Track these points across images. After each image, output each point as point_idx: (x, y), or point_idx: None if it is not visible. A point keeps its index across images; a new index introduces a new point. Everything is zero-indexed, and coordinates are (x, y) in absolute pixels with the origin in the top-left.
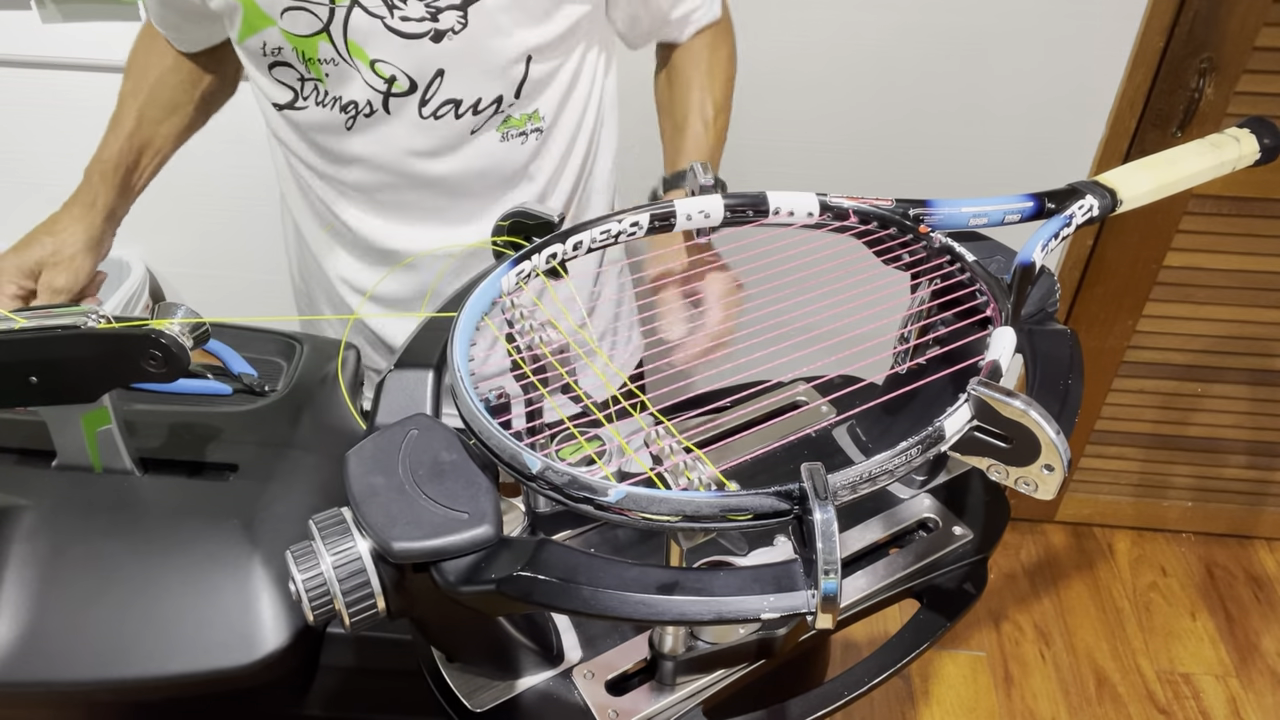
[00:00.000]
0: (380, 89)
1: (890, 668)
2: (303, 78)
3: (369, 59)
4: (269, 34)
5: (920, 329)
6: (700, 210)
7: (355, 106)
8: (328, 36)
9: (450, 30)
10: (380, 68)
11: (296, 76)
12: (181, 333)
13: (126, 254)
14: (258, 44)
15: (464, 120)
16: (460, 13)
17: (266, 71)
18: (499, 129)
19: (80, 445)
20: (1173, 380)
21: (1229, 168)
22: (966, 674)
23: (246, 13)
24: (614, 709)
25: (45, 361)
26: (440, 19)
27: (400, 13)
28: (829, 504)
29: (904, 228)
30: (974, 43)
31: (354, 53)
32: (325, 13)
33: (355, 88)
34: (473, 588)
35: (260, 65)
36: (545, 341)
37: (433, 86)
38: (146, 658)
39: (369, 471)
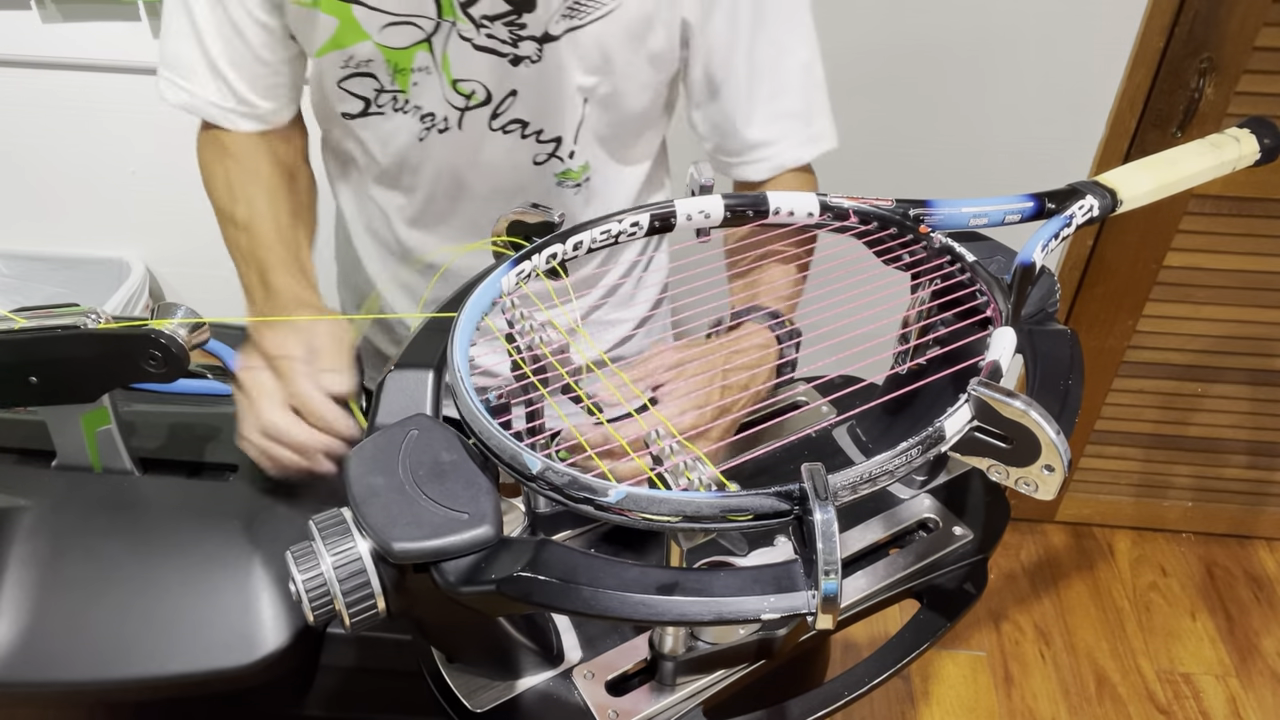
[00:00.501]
0: (459, 105)
1: (890, 668)
2: (382, 89)
3: (452, 77)
4: (360, 48)
5: (920, 329)
6: (700, 210)
7: (432, 119)
8: (427, 46)
9: (528, 59)
10: (462, 86)
11: (374, 88)
12: (181, 333)
13: (126, 254)
14: (341, 57)
15: (528, 142)
16: (538, 46)
17: (335, 84)
18: (556, 175)
19: (80, 445)
20: (1173, 380)
21: (1229, 168)
22: (966, 674)
23: (340, 29)
24: (614, 709)
25: (45, 361)
26: (520, 46)
27: (487, 31)
28: (829, 504)
29: (904, 228)
30: (974, 43)
31: (444, 66)
32: (431, 25)
33: (435, 100)
34: (473, 588)
35: (332, 77)
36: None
37: (506, 102)
38: (146, 658)
39: (369, 472)
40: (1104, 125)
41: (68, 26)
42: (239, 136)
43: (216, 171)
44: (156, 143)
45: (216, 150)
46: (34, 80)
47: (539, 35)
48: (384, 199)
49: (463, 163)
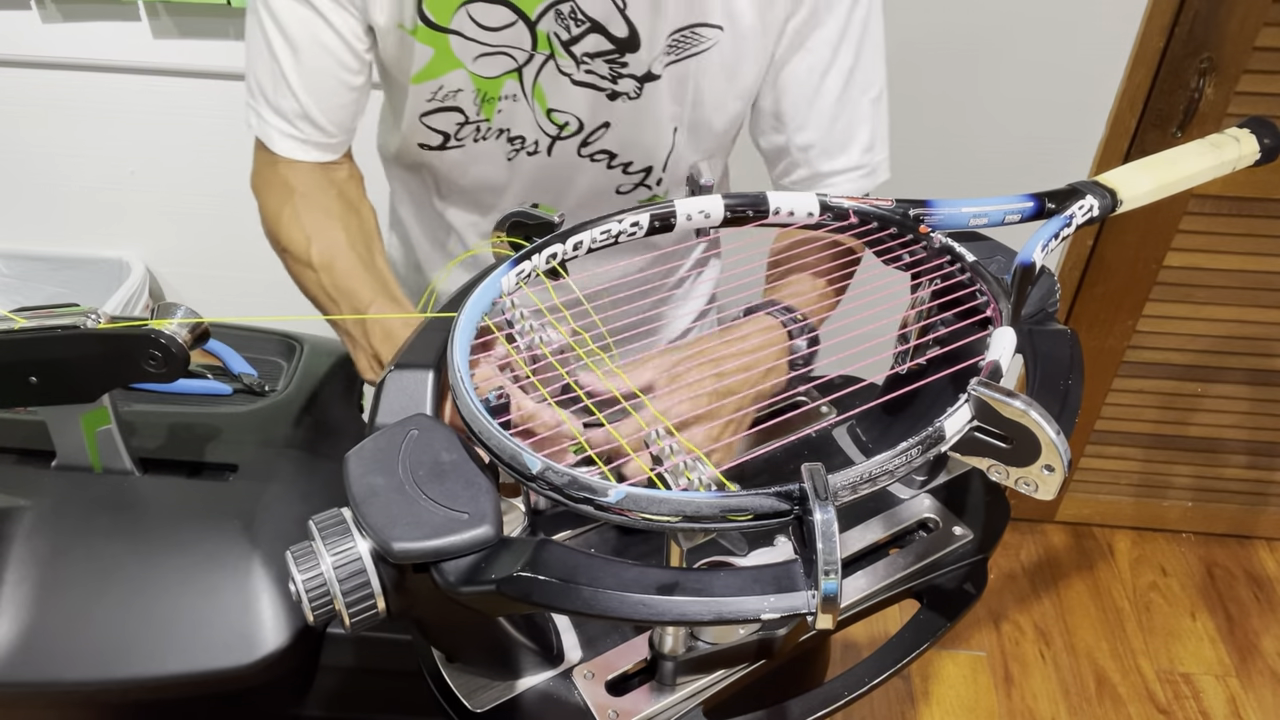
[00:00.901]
0: (551, 133)
1: (890, 668)
2: (465, 121)
3: (547, 107)
4: (451, 77)
5: (920, 329)
6: (700, 210)
7: (521, 142)
8: (517, 76)
9: (625, 95)
10: (555, 116)
11: (457, 122)
12: (181, 333)
13: (126, 254)
14: (429, 90)
15: (614, 172)
16: (638, 84)
17: (418, 117)
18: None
19: (80, 445)
20: (1173, 380)
21: (1229, 168)
22: (966, 674)
23: (435, 59)
24: (614, 709)
25: (45, 361)
26: (619, 83)
27: (587, 67)
28: (829, 504)
29: (904, 228)
30: (974, 43)
31: (536, 95)
32: (524, 56)
33: (526, 125)
34: (473, 588)
35: (415, 110)
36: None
37: (597, 133)
38: (146, 658)
39: (369, 472)
40: (1104, 125)
41: (68, 26)
42: (303, 171)
43: (284, 211)
44: (156, 143)
45: (281, 189)
46: (34, 80)
47: (640, 74)
48: (456, 217)
49: (548, 184)
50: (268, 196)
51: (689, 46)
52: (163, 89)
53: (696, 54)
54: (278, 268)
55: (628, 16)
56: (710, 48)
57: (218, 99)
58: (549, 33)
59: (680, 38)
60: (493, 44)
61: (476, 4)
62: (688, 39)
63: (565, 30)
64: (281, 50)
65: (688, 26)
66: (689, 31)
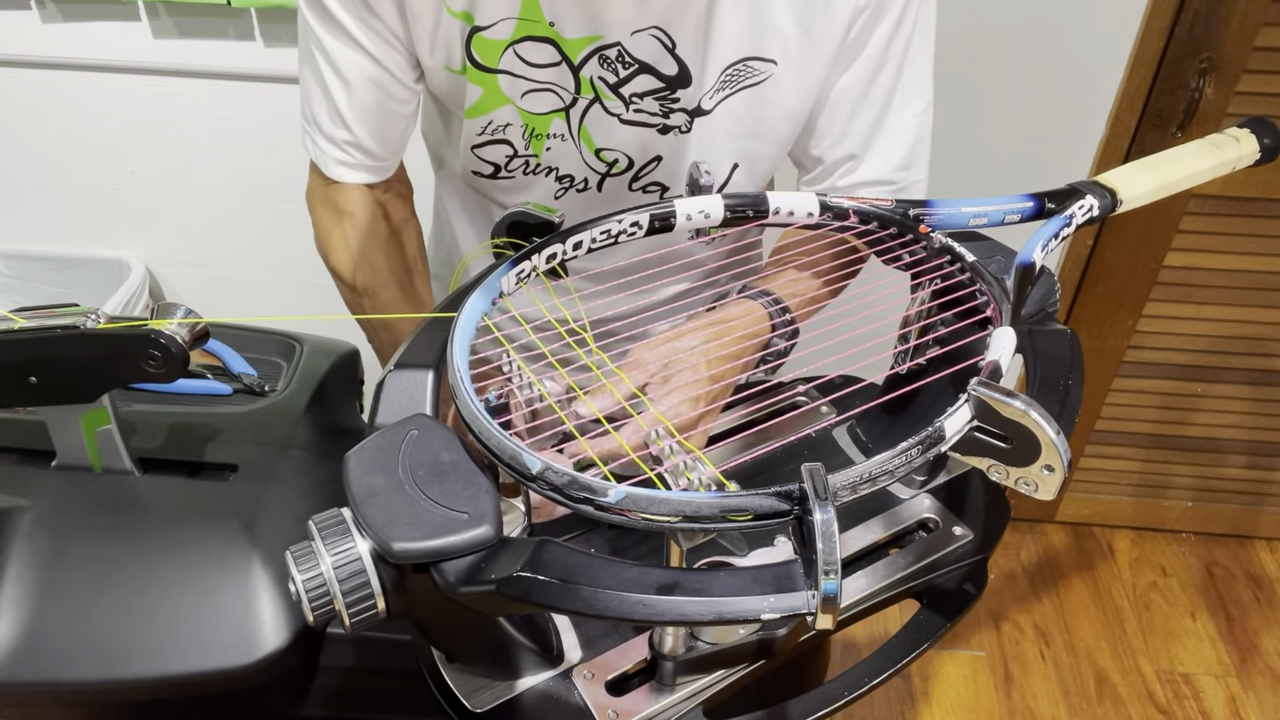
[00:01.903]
0: (600, 171)
1: (890, 668)
2: (515, 154)
3: (595, 147)
4: (499, 114)
5: (920, 329)
6: (700, 210)
7: (570, 180)
8: (564, 115)
9: (677, 129)
10: (605, 155)
11: (507, 154)
12: (181, 333)
13: (126, 254)
14: (481, 124)
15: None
16: (689, 119)
17: (470, 149)
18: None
19: (80, 445)
20: (1173, 380)
21: (1229, 168)
22: (966, 674)
23: (484, 96)
24: (614, 709)
25: (45, 361)
26: (670, 118)
27: (636, 107)
28: (829, 504)
29: (904, 228)
30: (974, 42)
31: (582, 136)
32: (569, 97)
33: (574, 164)
34: (473, 588)
35: (467, 141)
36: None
37: (648, 167)
38: (146, 658)
39: (369, 472)
40: (1104, 125)
41: (68, 26)
42: (353, 193)
43: (334, 234)
44: (156, 143)
45: (333, 212)
46: (34, 80)
47: (691, 109)
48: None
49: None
50: (320, 216)
51: (742, 80)
52: (163, 89)
53: (750, 86)
54: (278, 268)
55: (678, 55)
56: (764, 80)
57: (218, 99)
58: (593, 77)
59: (734, 72)
60: (539, 80)
61: (524, 43)
62: (740, 73)
63: (613, 74)
64: (334, 84)
65: (740, 60)
66: (742, 65)
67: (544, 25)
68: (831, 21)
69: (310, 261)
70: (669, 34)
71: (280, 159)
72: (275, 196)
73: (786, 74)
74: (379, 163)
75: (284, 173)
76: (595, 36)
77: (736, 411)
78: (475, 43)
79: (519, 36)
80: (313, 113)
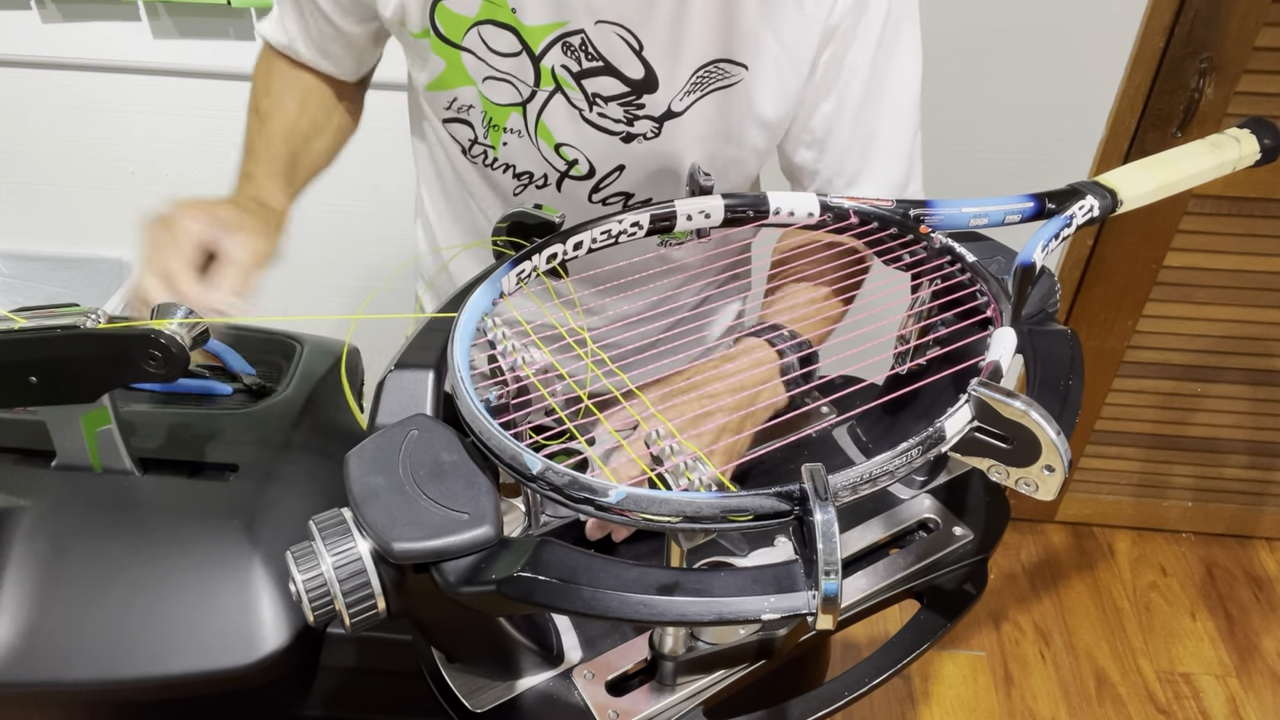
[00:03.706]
0: (560, 168)
1: (890, 668)
2: (475, 140)
3: (555, 142)
4: (463, 92)
5: (921, 329)
6: (701, 210)
7: (529, 177)
8: (521, 110)
9: (641, 136)
10: (565, 151)
11: (469, 136)
12: (181, 333)
13: (126, 254)
14: (446, 98)
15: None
16: (656, 124)
17: (441, 123)
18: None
19: (80, 445)
20: (1173, 380)
21: (1229, 168)
22: (966, 674)
23: (447, 70)
24: (614, 709)
25: (45, 361)
26: (635, 125)
27: (599, 110)
28: (830, 505)
29: (904, 228)
30: (974, 43)
31: (541, 134)
32: (527, 91)
33: (532, 161)
34: (473, 588)
35: (437, 114)
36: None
37: (610, 177)
38: (147, 658)
39: (369, 472)
40: (1104, 125)
41: (68, 26)
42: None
43: (264, 68)
44: (156, 143)
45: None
46: (34, 80)
47: (658, 114)
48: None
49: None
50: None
51: (713, 81)
52: (163, 89)
53: (721, 89)
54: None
55: (644, 58)
56: (735, 83)
57: (218, 99)
58: (554, 67)
59: (704, 73)
60: (499, 70)
61: (486, 25)
62: (711, 74)
63: (576, 62)
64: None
65: (711, 62)
66: (713, 67)
67: (505, 10)
68: (805, 29)
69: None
70: (636, 35)
71: None
72: None
73: (758, 79)
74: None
75: None
76: (559, 23)
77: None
78: (439, 11)
79: (483, 18)
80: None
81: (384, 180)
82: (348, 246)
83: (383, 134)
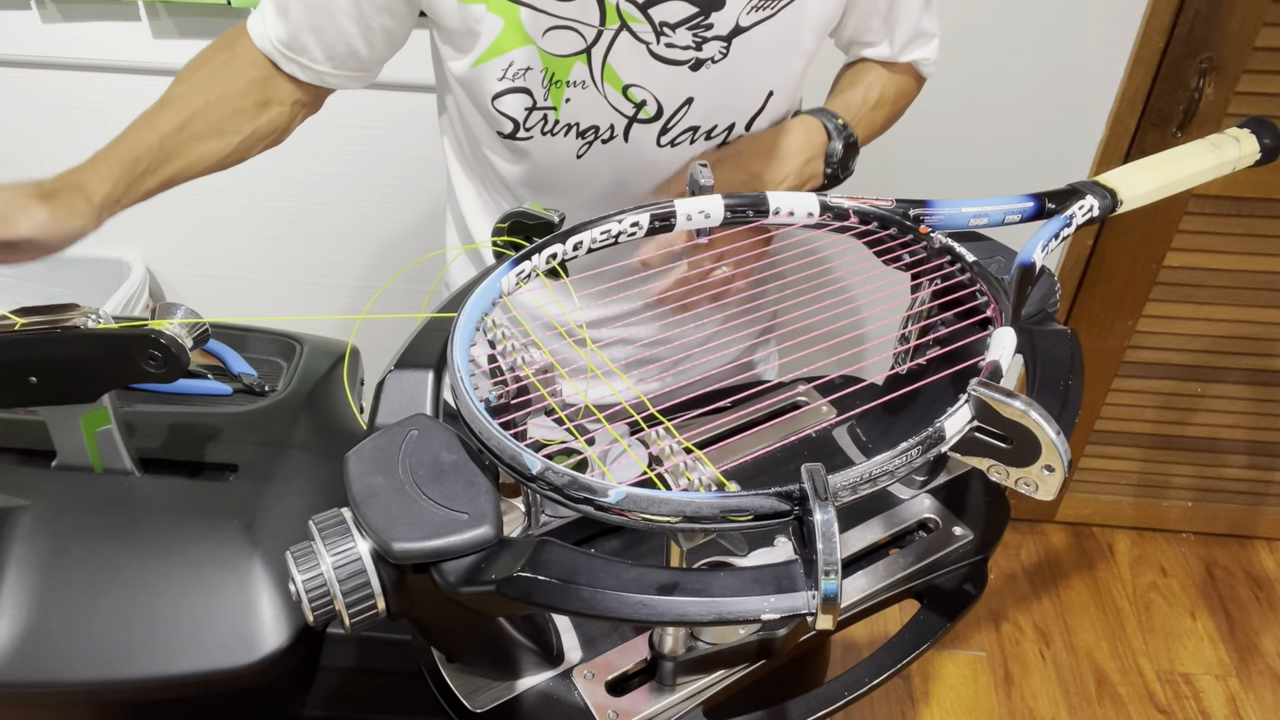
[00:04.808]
0: (628, 114)
1: (890, 668)
2: (534, 106)
3: (622, 84)
4: (519, 54)
5: (921, 329)
6: (700, 210)
7: (595, 131)
8: (585, 58)
9: (710, 59)
10: (633, 92)
11: (526, 105)
12: (181, 333)
13: (126, 254)
14: (499, 66)
15: (696, 146)
16: (724, 43)
17: (489, 101)
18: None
19: (80, 445)
20: (1173, 380)
21: (1229, 168)
22: (966, 674)
23: (504, 31)
24: (614, 709)
25: (45, 362)
26: (704, 48)
27: (667, 39)
28: (829, 505)
29: (904, 228)
30: (974, 43)
31: (608, 78)
32: (592, 34)
33: (598, 113)
34: (473, 588)
35: (485, 94)
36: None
37: (678, 114)
38: (146, 658)
39: (369, 472)
40: (1104, 125)
41: (68, 26)
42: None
43: (202, 58)
44: None
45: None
46: (34, 80)
47: (727, 32)
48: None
49: (625, 173)
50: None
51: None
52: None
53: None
54: (277, 268)
55: None
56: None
57: None
58: (618, 2)
59: None
60: (561, 16)
61: None
62: None
63: None
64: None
65: None
66: None
67: None
68: None
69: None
70: None
71: (280, 159)
72: (275, 197)
73: None
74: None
75: (284, 173)
76: None
77: (737, 411)
78: None
79: None
80: None
81: (384, 181)
82: (348, 246)
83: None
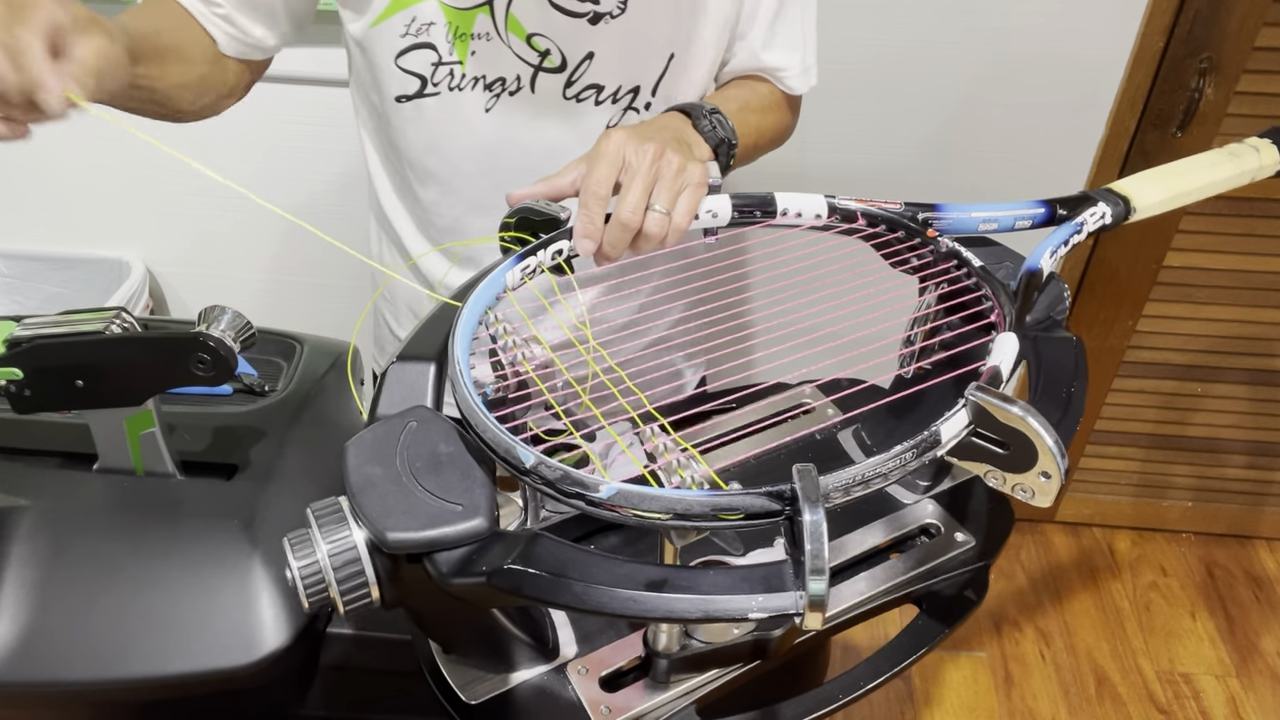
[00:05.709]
0: (533, 63)
1: (885, 672)
2: (440, 61)
3: (526, 33)
4: (422, 9)
5: (926, 333)
6: (708, 210)
7: (502, 84)
8: (488, 9)
9: (609, 14)
10: (536, 41)
11: (432, 60)
12: (229, 336)
13: (126, 254)
14: (401, 23)
15: (602, 108)
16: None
17: (393, 60)
18: None
19: (123, 448)
20: (1173, 380)
21: (1249, 178)
22: (966, 675)
23: None
24: (607, 705)
25: (94, 365)
26: (602, 1)
27: None
28: (819, 505)
29: (911, 231)
30: (973, 43)
31: (511, 27)
32: None
33: (504, 64)
34: (464, 580)
35: (388, 53)
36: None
37: (581, 68)
38: (146, 658)
39: (367, 462)
40: (1104, 125)
41: None
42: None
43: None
44: None
45: None
46: None
47: None
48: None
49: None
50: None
51: None
52: None
53: None
54: (277, 268)
55: None
56: None
57: None
58: None
59: None
60: None
61: None
62: None
63: None
64: None
65: None
66: None
67: None
68: None
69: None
70: None
71: (281, 159)
72: (276, 197)
73: None
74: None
75: (284, 173)
76: None
77: (741, 411)
78: None
79: None
80: None
81: None
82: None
83: None
